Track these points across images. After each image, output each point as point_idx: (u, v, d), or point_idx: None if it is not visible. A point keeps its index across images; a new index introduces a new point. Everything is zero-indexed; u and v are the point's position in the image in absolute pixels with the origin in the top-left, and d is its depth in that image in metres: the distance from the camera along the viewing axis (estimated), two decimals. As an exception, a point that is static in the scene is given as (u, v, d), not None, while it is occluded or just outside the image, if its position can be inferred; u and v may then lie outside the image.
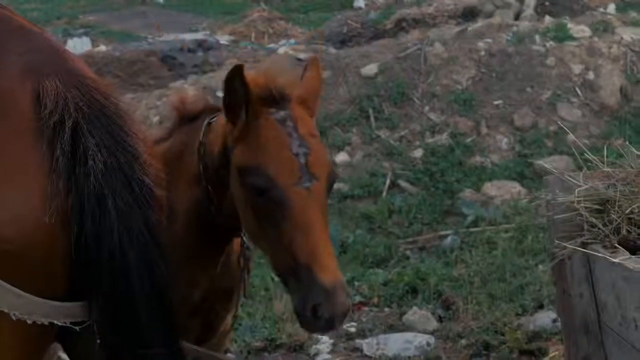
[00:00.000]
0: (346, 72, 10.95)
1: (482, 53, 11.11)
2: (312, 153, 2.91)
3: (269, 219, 2.89)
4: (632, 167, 3.49)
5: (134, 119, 2.70)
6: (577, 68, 10.91)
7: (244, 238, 3.37)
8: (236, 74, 2.91)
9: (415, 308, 6.58)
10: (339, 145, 10.17)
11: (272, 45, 17.45)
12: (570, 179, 3.45)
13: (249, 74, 2.95)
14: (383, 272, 7.58)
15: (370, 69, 11.01)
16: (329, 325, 2.82)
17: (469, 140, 10.17)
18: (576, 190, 3.35)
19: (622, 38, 11.49)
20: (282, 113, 2.96)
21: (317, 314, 2.78)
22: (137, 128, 2.64)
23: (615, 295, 3.18)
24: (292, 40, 17.69)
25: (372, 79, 10.91)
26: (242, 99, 2.93)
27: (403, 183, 9.54)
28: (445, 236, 8.45)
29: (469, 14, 16.90)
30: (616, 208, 3.38)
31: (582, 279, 3.41)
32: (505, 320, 6.09)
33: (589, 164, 3.82)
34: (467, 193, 9.23)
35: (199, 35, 18.09)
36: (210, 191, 3.12)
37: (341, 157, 10.04)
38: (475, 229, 8.29)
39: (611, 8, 15.18)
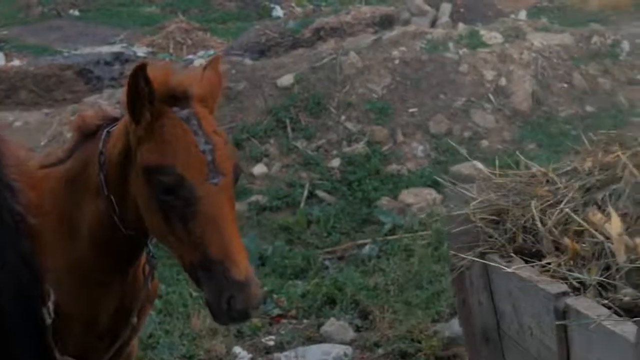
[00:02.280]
0: (262, 83, 10.94)
1: (397, 61, 11.22)
2: (218, 150, 2.96)
3: (178, 217, 2.92)
4: (520, 177, 3.56)
5: (9, 146, 2.67)
6: (489, 74, 11.10)
7: (150, 246, 3.36)
8: (140, 72, 2.93)
9: (332, 319, 6.60)
10: (256, 156, 10.15)
11: (190, 57, 17.31)
12: (465, 191, 3.51)
13: (151, 72, 2.96)
14: (302, 283, 7.58)
15: (286, 79, 11.02)
16: (243, 316, 2.91)
17: (385, 148, 10.25)
18: (471, 203, 3.42)
19: (532, 44, 11.73)
20: (185, 111, 2.99)
21: (232, 306, 2.84)
22: (11, 155, 2.62)
23: (511, 303, 3.24)
24: (211, 51, 17.59)
25: (288, 89, 10.92)
26: (146, 97, 2.95)
27: (321, 193, 9.56)
28: (364, 245, 8.49)
29: (386, 22, 17.05)
30: (511, 218, 3.45)
31: (481, 289, 3.47)
32: (422, 327, 6.15)
33: (503, 170, 3.88)
34: (385, 201, 9.29)
35: (116, 48, 17.87)
36: (113, 200, 3.10)
37: (259, 168, 10.02)
38: (392, 237, 8.34)
39: (522, 14, 15.51)
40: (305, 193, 9.53)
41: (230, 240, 2.88)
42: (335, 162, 10.05)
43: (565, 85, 11.34)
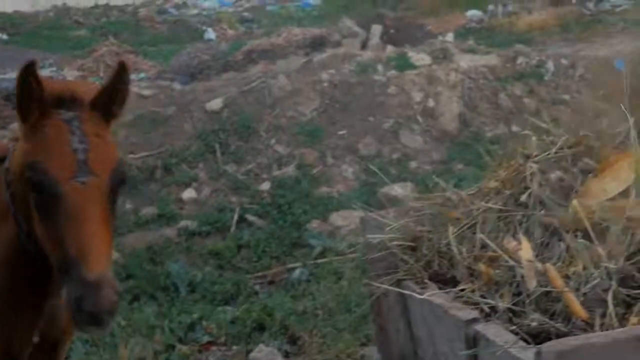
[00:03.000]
0: (191, 108, 10.88)
1: (326, 84, 11.28)
2: (93, 150, 2.94)
3: (47, 214, 2.90)
4: (436, 201, 3.60)
5: None
6: (417, 96, 11.21)
7: None
8: (29, 69, 2.91)
9: (262, 345, 6.56)
10: (185, 181, 10.07)
11: (120, 81, 17.13)
12: (382, 219, 3.53)
13: (49, 80, 3.01)
14: (231, 309, 7.53)
15: (215, 103, 10.98)
16: (94, 321, 2.80)
17: (315, 171, 10.26)
18: (386, 230, 3.43)
19: (459, 65, 11.90)
20: (70, 114, 2.99)
21: (81, 308, 2.77)
22: None
23: (427, 329, 3.25)
24: (142, 74, 17.46)
25: (217, 113, 10.88)
26: (35, 95, 2.94)
27: (251, 217, 9.52)
28: (294, 269, 8.46)
29: (317, 44, 17.11)
30: (426, 243, 3.47)
31: (398, 315, 3.48)
32: (349, 351, 6.16)
33: (432, 190, 3.89)
34: (315, 224, 9.29)
35: (46, 72, 17.60)
36: (20, 218, 3.07)
37: (188, 193, 9.94)
38: (322, 260, 8.35)
39: (450, 36, 15.74)
40: (235, 217, 9.47)
41: (89, 239, 2.82)
42: (265, 186, 10.03)
43: (492, 105, 11.52)
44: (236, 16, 24.95)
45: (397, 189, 9.78)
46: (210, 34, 21.70)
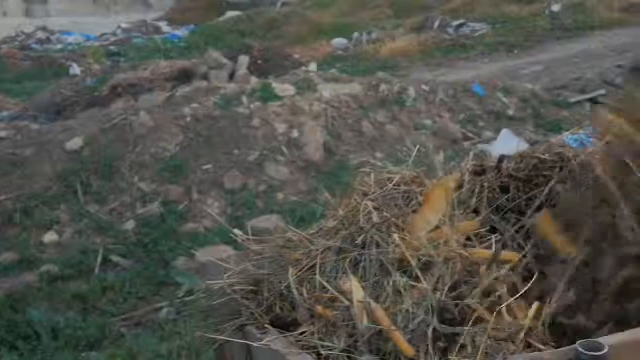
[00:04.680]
0: (50, 148, 10.61)
1: (189, 119, 11.19)
2: None
3: None
4: (278, 242, 3.59)
5: None
6: (281, 127, 11.26)
7: None
8: None
9: (125, 391, 6.43)
10: (46, 224, 9.78)
11: (-21, 120, 16.61)
12: (223, 263, 3.50)
13: None
14: (96, 354, 7.35)
15: (76, 142, 10.73)
16: None
17: (181, 207, 10.14)
18: (225, 276, 3.41)
19: (322, 95, 12.03)
20: None
21: None
22: None
23: (269, 376, 3.23)
24: (5, 113, 16.96)
25: (78, 153, 10.64)
26: None
27: (116, 258, 9.31)
28: (161, 309, 8.33)
29: (185, 77, 17.01)
30: (268, 287, 3.46)
31: (243, 362, 3.44)
32: (214, 392, 6.07)
33: (301, 222, 3.88)
34: (181, 262, 9.18)
35: None
36: None
37: (49, 236, 9.65)
38: (189, 298, 8.22)
39: (313, 66, 15.92)
40: (100, 259, 9.25)
41: None
42: (130, 225, 9.84)
43: (356, 134, 11.67)
44: (102, 50, 24.55)
45: (265, 221, 9.82)
46: (76, 69, 21.27)
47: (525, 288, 2.90)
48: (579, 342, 2.40)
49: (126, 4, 37.66)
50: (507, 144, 11.45)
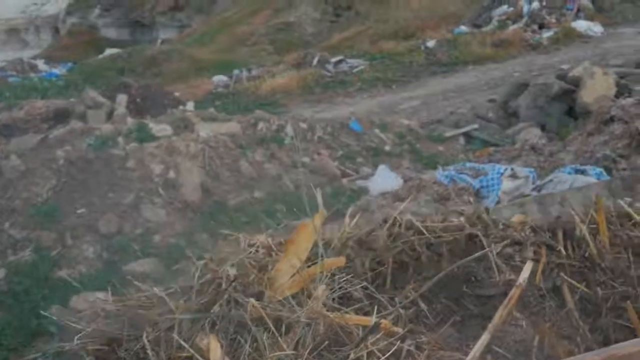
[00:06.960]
0: None
1: (62, 162, 10.94)
2: None
3: None
4: (135, 301, 3.55)
5: None
6: (157, 168, 11.12)
7: None
8: None
9: None
10: None
11: None
12: (72, 324, 3.44)
13: None
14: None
15: (-57, 191, 10.38)
16: None
17: (54, 253, 9.87)
18: (75, 337, 3.34)
19: (199, 135, 11.95)
20: None
21: None
22: None
23: None
24: None
25: (-56, 200, 10.28)
26: None
27: (-15, 309, 9.00)
28: (34, 360, 8.05)
29: (61, 117, 16.62)
30: (124, 346, 3.41)
31: None
32: None
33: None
34: (55, 310, 8.90)
35: None
36: None
37: None
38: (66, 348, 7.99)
39: (190, 105, 15.84)
40: (-33, 311, 8.92)
41: None
42: (0, 274, 9.52)
43: (234, 173, 11.63)
44: (-25, 90, 23.83)
45: (142, 265, 9.67)
46: (-55, 110, 20.50)
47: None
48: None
49: (1, 41, 36.78)
50: (384, 179, 11.66)
